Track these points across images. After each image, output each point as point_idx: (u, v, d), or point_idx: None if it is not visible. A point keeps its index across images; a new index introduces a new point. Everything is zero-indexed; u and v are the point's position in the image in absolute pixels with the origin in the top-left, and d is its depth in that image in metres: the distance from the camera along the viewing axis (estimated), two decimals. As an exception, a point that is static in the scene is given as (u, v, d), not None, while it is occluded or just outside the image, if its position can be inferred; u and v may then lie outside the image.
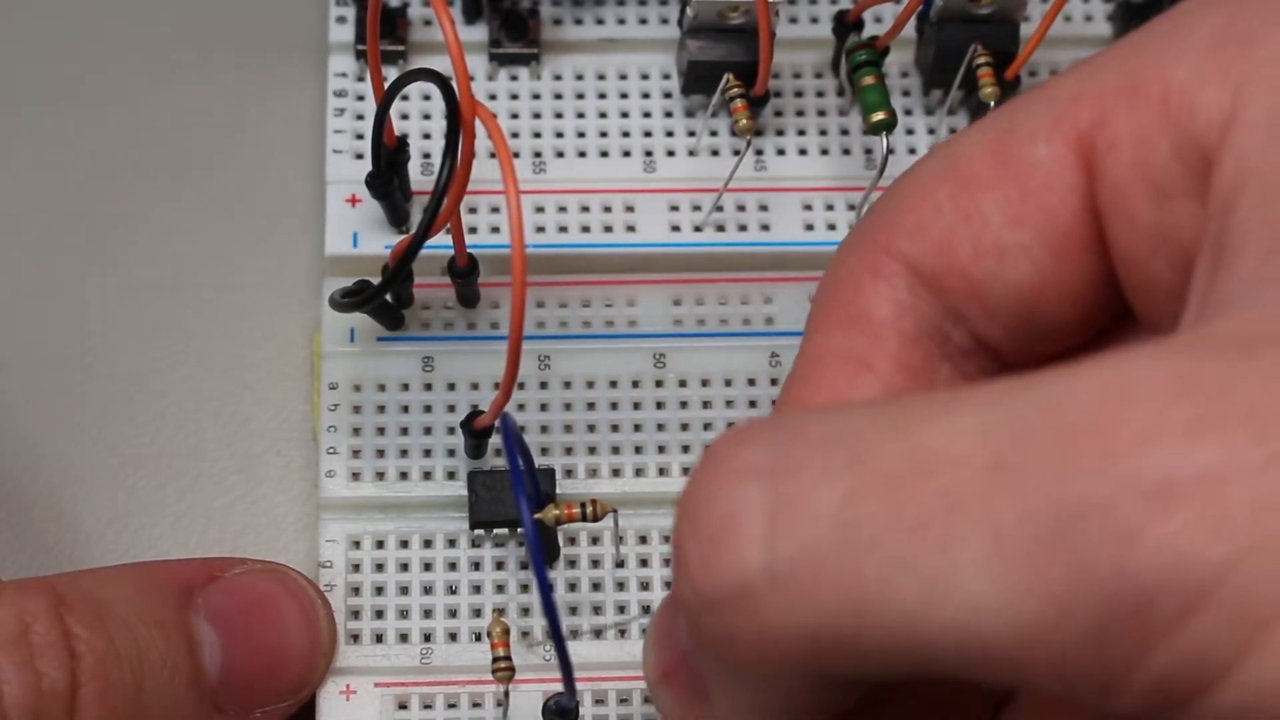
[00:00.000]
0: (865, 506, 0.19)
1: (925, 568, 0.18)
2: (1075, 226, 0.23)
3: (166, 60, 0.37)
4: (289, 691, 0.29)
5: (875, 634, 0.19)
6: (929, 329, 0.24)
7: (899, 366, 0.24)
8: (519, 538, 0.31)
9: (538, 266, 0.33)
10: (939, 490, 0.18)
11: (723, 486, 0.20)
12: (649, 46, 0.36)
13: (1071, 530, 0.17)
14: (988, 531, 0.18)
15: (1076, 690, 0.18)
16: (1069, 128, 0.22)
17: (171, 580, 0.26)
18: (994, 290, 0.23)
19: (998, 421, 0.18)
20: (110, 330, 0.34)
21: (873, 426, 0.19)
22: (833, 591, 0.19)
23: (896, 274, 0.24)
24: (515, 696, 0.30)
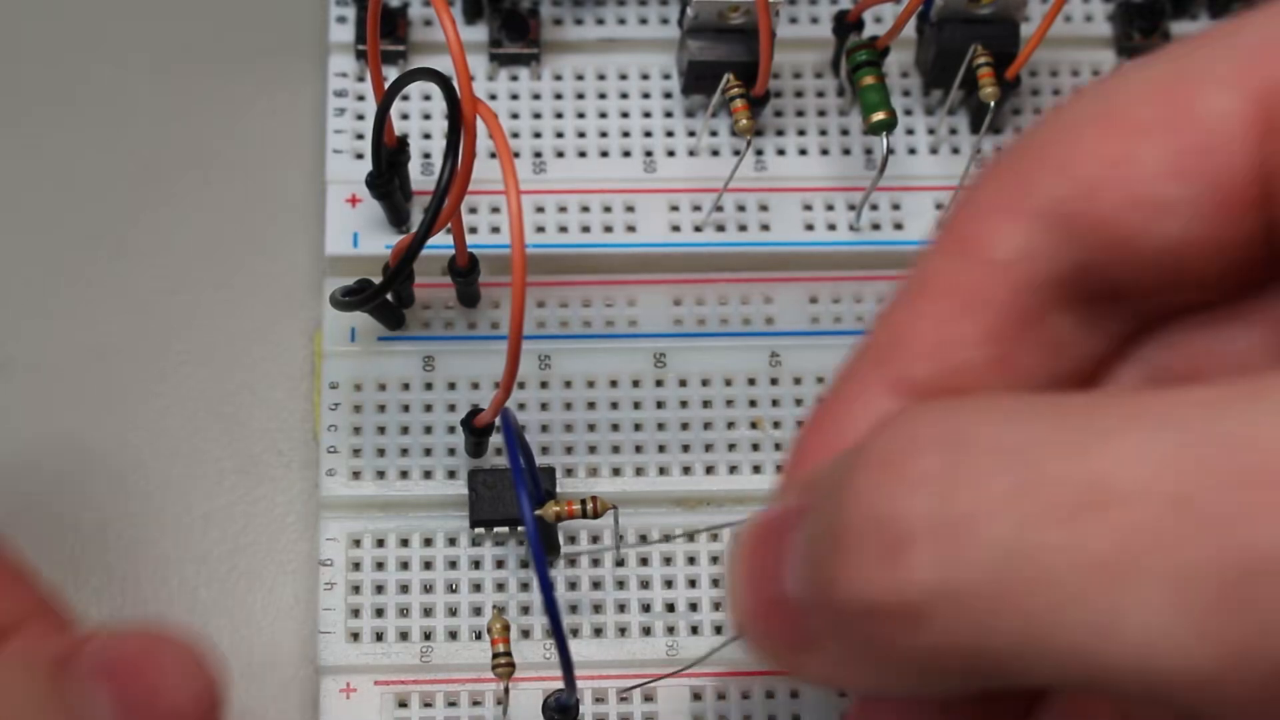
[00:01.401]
0: (1040, 537, 0.18)
1: (1101, 604, 0.18)
2: (1242, 185, 0.21)
3: (166, 61, 0.37)
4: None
5: (1042, 660, 0.19)
6: (1051, 278, 0.23)
7: (1008, 312, 0.23)
8: (519, 536, 0.31)
9: (538, 266, 0.33)
10: (1118, 526, 0.18)
11: (896, 495, 0.19)
12: (649, 46, 0.36)
13: (1259, 583, 0.17)
14: (1169, 573, 0.17)
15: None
16: (1253, 80, 0.21)
17: (39, 655, 0.25)
18: (1139, 244, 0.22)
19: (1179, 450, 0.18)
20: (111, 330, 0.34)
21: (1046, 441, 0.19)
22: (1003, 620, 0.18)
23: (1029, 213, 0.23)
24: (515, 694, 0.30)
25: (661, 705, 0.31)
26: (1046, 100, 0.36)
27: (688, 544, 0.32)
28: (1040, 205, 0.22)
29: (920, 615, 0.19)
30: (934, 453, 0.19)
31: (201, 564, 0.33)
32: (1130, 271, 0.22)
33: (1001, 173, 0.23)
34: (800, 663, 0.22)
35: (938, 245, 0.24)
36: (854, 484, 0.20)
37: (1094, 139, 0.22)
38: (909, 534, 0.19)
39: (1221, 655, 0.17)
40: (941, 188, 0.34)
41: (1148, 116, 0.22)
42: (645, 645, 0.31)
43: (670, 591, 0.31)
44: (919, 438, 0.20)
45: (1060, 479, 0.18)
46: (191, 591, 0.32)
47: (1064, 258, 0.23)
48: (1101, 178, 0.22)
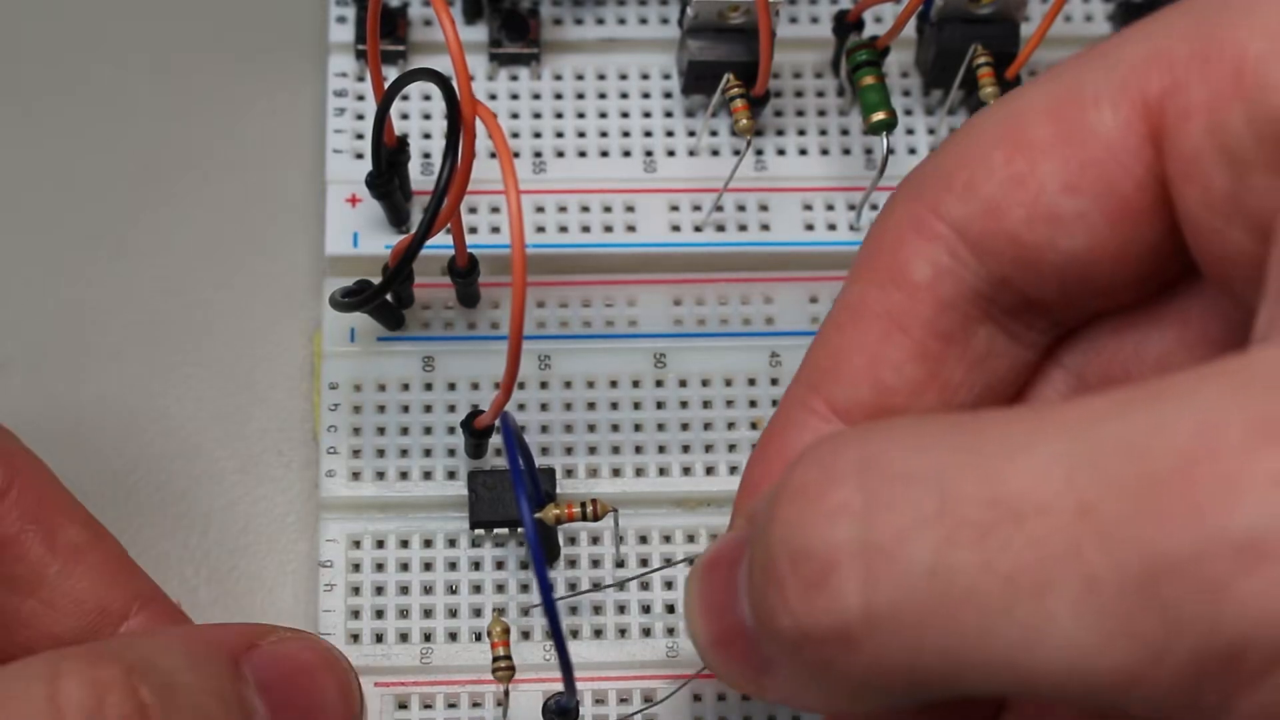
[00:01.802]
0: (957, 557, 0.19)
1: (1021, 615, 0.19)
2: (1136, 195, 0.22)
3: (166, 60, 0.37)
4: None
5: (972, 671, 0.19)
6: (968, 294, 0.24)
7: (932, 330, 0.24)
8: (519, 537, 0.31)
9: (538, 266, 0.33)
10: (1029, 539, 0.19)
11: (817, 526, 0.20)
12: (649, 46, 0.36)
13: (1162, 582, 0.18)
14: (1079, 581, 0.18)
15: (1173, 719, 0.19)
16: (1136, 94, 0.22)
17: (220, 647, 0.26)
18: (1046, 256, 0.23)
19: (1081, 461, 0.19)
20: (111, 330, 0.34)
21: (957, 463, 0.20)
22: (931, 637, 0.19)
23: (940, 235, 0.24)
24: (515, 696, 0.30)
25: (661, 705, 0.31)
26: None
27: (688, 545, 0.32)
28: (951, 226, 0.24)
29: (851, 639, 0.20)
30: (850, 482, 0.20)
31: (201, 564, 0.33)
32: (1043, 283, 0.23)
33: (912, 196, 0.24)
34: (762, 686, 0.23)
35: (859, 272, 0.25)
36: (776, 517, 0.21)
37: (996, 160, 0.23)
38: (831, 563, 0.20)
39: (1136, 655, 0.18)
40: (942, 188, 0.34)
41: (1044, 135, 0.23)
42: (645, 646, 0.31)
43: (670, 593, 0.31)
44: (835, 468, 0.21)
45: (972, 499, 0.19)
46: (191, 591, 0.32)
47: (979, 274, 0.24)
48: (1005, 196, 0.23)
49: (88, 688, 0.23)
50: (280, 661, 0.26)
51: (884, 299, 0.24)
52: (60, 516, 0.28)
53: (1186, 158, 0.22)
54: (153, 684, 0.24)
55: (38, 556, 0.27)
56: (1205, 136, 0.21)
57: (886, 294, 0.24)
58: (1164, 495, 0.18)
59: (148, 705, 0.24)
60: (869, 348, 0.24)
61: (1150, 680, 0.18)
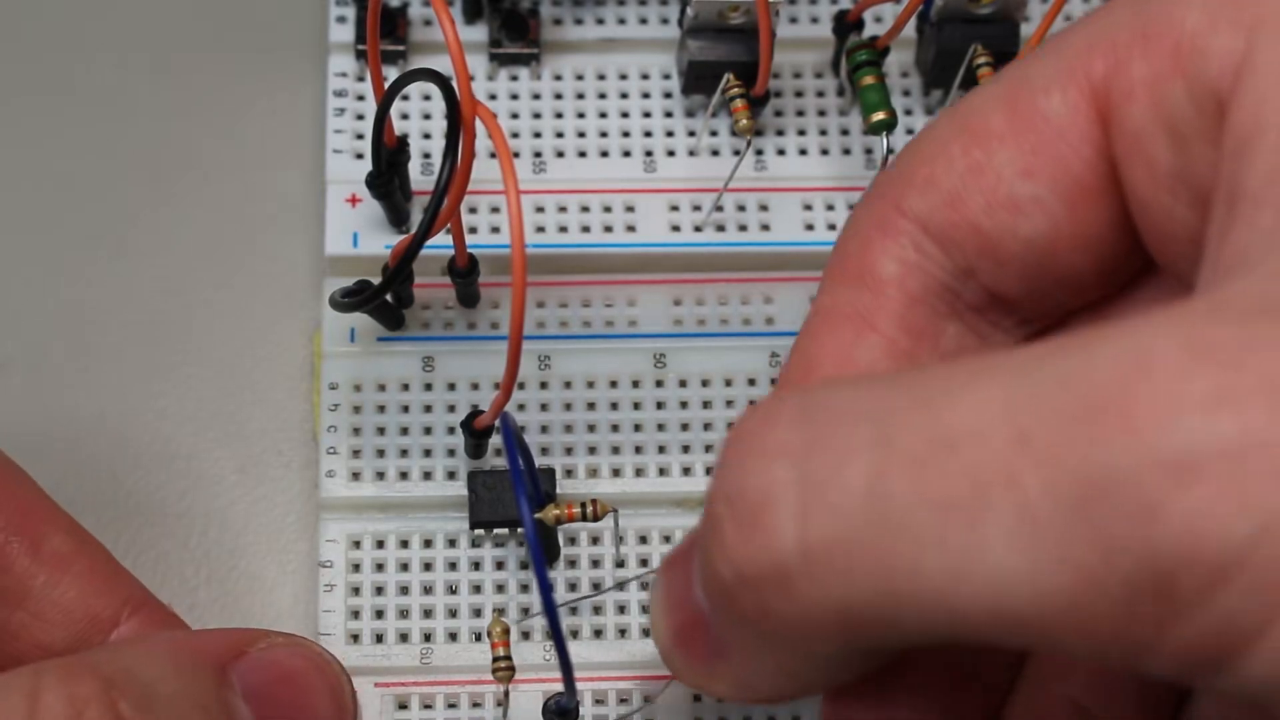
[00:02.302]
0: (893, 485, 0.19)
1: (955, 544, 0.18)
2: (1089, 176, 0.23)
3: (166, 60, 0.37)
4: None
5: (908, 608, 0.19)
6: (936, 288, 0.24)
7: (902, 326, 0.24)
8: (519, 538, 0.31)
9: (538, 266, 0.33)
10: (964, 465, 0.18)
11: (755, 466, 0.20)
12: (649, 46, 0.36)
13: (1096, 504, 0.18)
14: (1014, 506, 0.18)
15: (1107, 657, 0.19)
16: (1082, 78, 0.23)
17: (206, 656, 0.26)
18: (1006, 243, 0.23)
19: (1018, 395, 0.18)
20: (111, 330, 0.34)
21: (896, 402, 0.20)
22: (866, 570, 0.19)
23: (904, 231, 0.24)
24: (515, 696, 0.30)
25: (661, 705, 0.31)
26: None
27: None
28: (914, 221, 0.24)
29: (787, 577, 0.20)
30: (789, 423, 0.20)
31: (201, 564, 0.33)
32: (1006, 274, 0.24)
33: (875, 196, 0.25)
34: (716, 675, 0.23)
35: (829, 276, 0.25)
36: (716, 470, 0.21)
37: (954, 152, 0.24)
38: (767, 500, 0.20)
39: (1069, 583, 0.18)
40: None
41: (998, 125, 0.23)
42: (645, 646, 0.31)
43: (670, 592, 0.31)
44: (774, 413, 0.21)
45: (910, 431, 0.19)
46: (191, 592, 0.32)
47: (944, 267, 0.24)
48: (964, 186, 0.23)
49: (66, 702, 0.23)
50: (269, 668, 0.26)
51: (854, 299, 0.25)
52: (45, 526, 0.28)
53: (1131, 135, 0.22)
54: (132, 696, 0.24)
55: (23, 568, 0.27)
56: (1148, 112, 0.22)
57: (856, 294, 0.25)
58: (1098, 419, 0.18)
59: (126, 718, 0.23)
60: (841, 349, 0.25)
61: (1083, 611, 0.18)
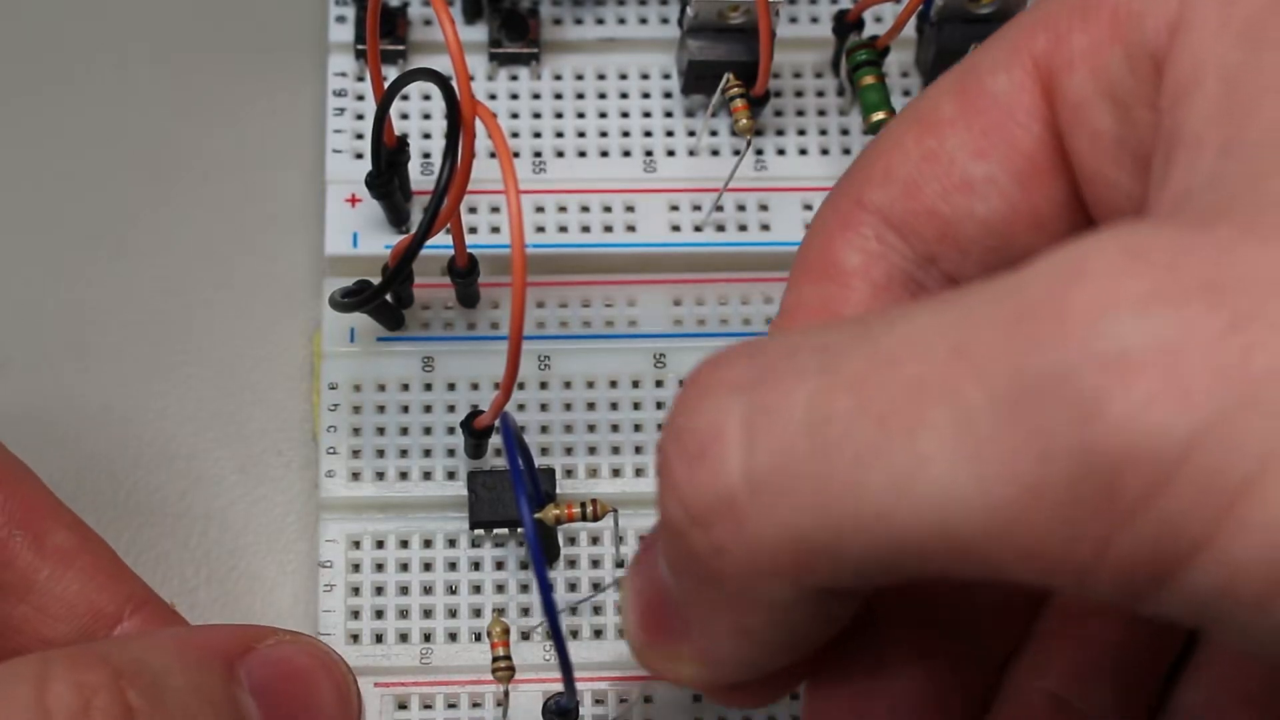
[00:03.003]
0: (834, 404, 0.19)
1: (895, 458, 0.18)
2: (1039, 152, 0.23)
3: (166, 60, 0.37)
4: None
5: (852, 532, 0.19)
6: (899, 276, 0.24)
7: None
8: (519, 538, 0.31)
9: (538, 266, 0.33)
10: (903, 380, 0.18)
11: (704, 403, 0.20)
12: (649, 46, 0.35)
13: (1034, 406, 0.17)
14: (952, 414, 0.18)
15: (1052, 577, 0.18)
16: (1025, 57, 0.23)
17: (214, 651, 0.26)
18: (964, 226, 0.24)
19: (957, 314, 0.18)
20: (110, 330, 0.34)
21: (840, 334, 0.20)
22: (808, 492, 0.19)
23: (866, 223, 0.24)
24: (515, 696, 0.30)
25: (661, 706, 0.31)
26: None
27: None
28: (874, 213, 0.24)
29: (735, 507, 0.19)
30: (740, 364, 0.20)
31: (201, 564, 0.33)
32: (965, 257, 0.24)
33: (836, 194, 0.25)
34: (683, 655, 0.23)
35: (795, 276, 0.25)
36: (670, 415, 0.21)
37: (908, 142, 0.24)
38: (715, 433, 0.20)
39: (1011, 493, 0.17)
40: (942, 188, 0.34)
41: (949, 111, 0.24)
42: (645, 646, 0.31)
43: (670, 592, 0.31)
44: (726, 356, 0.21)
45: (851, 356, 0.19)
46: (191, 592, 0.32)
47: (906, 256, 0.24)
48: (918, 174, 0.24)
49: (75, 689, 0.23)
50: (276, 665, 0.26)
51: (818, 293, 0.25)
52: (48, 521, 0.28)
53: (1073, 107, 0.22)
54: (141, 686, 0.24)
55: (26, 562, 0.27)
56: (1088, 82, 0.22)
57: (821, 288, 0.25)
58: (1033, 323, 0.18)
59: (135, 708, 0.23)
60: None
61: (1026, 526, 0.18)
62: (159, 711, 0.24)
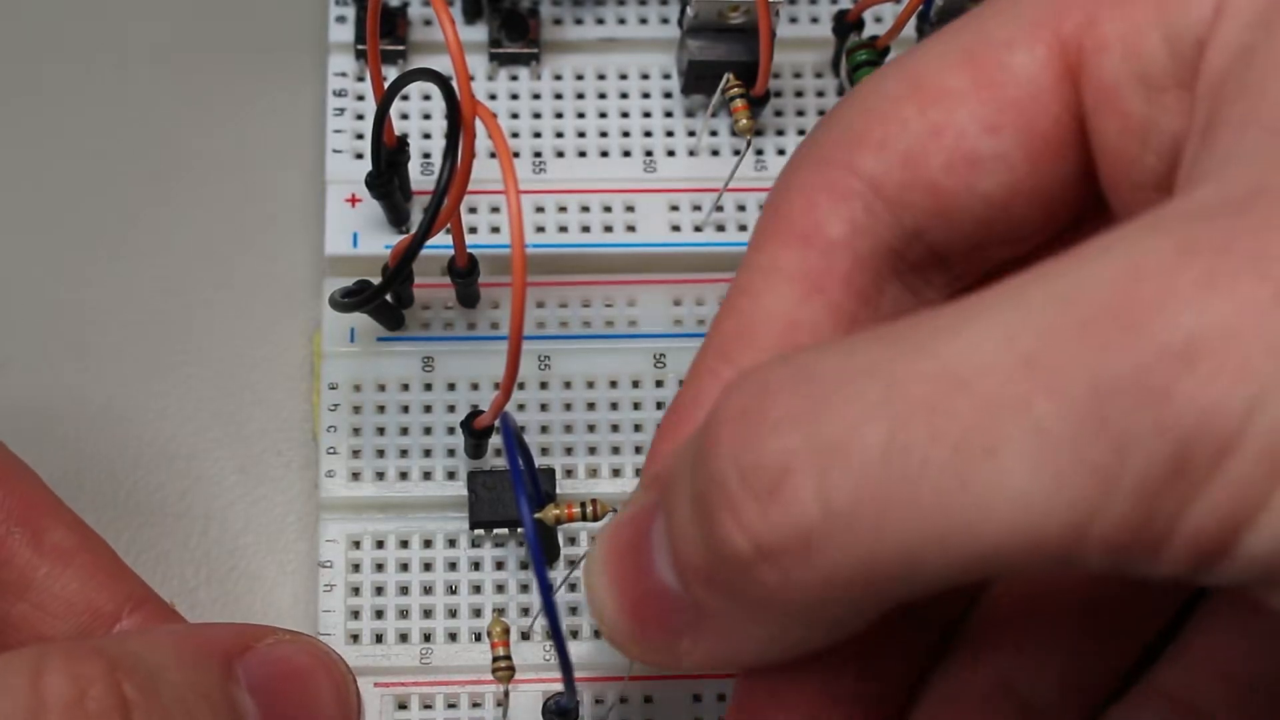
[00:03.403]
0: (910, 436, 0.19)
1: (976, 478, 0.18)
2: (1054, 130, 0.23)
3: (166, 60, 0.37)
4: None
5: (935, 552, 0.19)
6: (883, 249, 0.24)
7: (849, 288, 0.24)
8: (519, 538, 0.31)
9: (538, 266, 0.33)
10: (975, 401, 0.18)
11: (765, 440, 0.20)
12: (649, 46, 0.35)
13: (1109, 404, 0.18)
14: (1029, 428, 0.18)
15: (1128, 559, 0.19)
16: (1050, 35, 0.23)
17: (212, 648, 0.26)
18: (963, 201, 0.24)
19: (1017, 323, 0.19)
20: (110, 330, 0.34)
21: (894, 353, 0.19)
22: (891, 525, 0.19)
23: (855, 193, 0.24)
24: (515, 696, 0.30)
25: (661, 706, 0.31)
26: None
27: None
28: (866, 182, 0.24)
29: (811, 543, 0.20)
30: (789, 392, 0.20)
31: (201, 564, 0.33)
32: (953, 232, 0.24)
33: (820, 156, 0.24)
34: (679, 650, 0.23)
35: (766, 238, 0.25)
36: (718, 444, 0.21)
37: (909, 113, 0.24)
38: (784, 470, 0.20)
39: (1090, 487, 0.18)
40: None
41: (958, 82, 0.23)
42: (645, 646, 0.31)
43: (670, 592, 0.31)
44: (769, 384, 0.20)
45: (916, 377, 0.19)
46: (191, 592, 0.32)
47: (892, 229, 0.24)
48: (921, 146, 0.23)
49: (70, 681, 0.23)
50: (275, 664, 0.26)
51: (799, 260, 0.24)
52: (47, 519, 0.28)
53: (1104, 88, 0.22)
54: (137, 680, 0.24)
55: (25, 559, 0.27)
56: (1122, 64, 0.22)
57: (801, 255, 0.24)
58: (1100, 326, 0.18)
59: (130, 701, 0.23)
60: (785, 310, 0.24)
61: (1105, 515, 0.18)
62: (154, 706, 0.24)
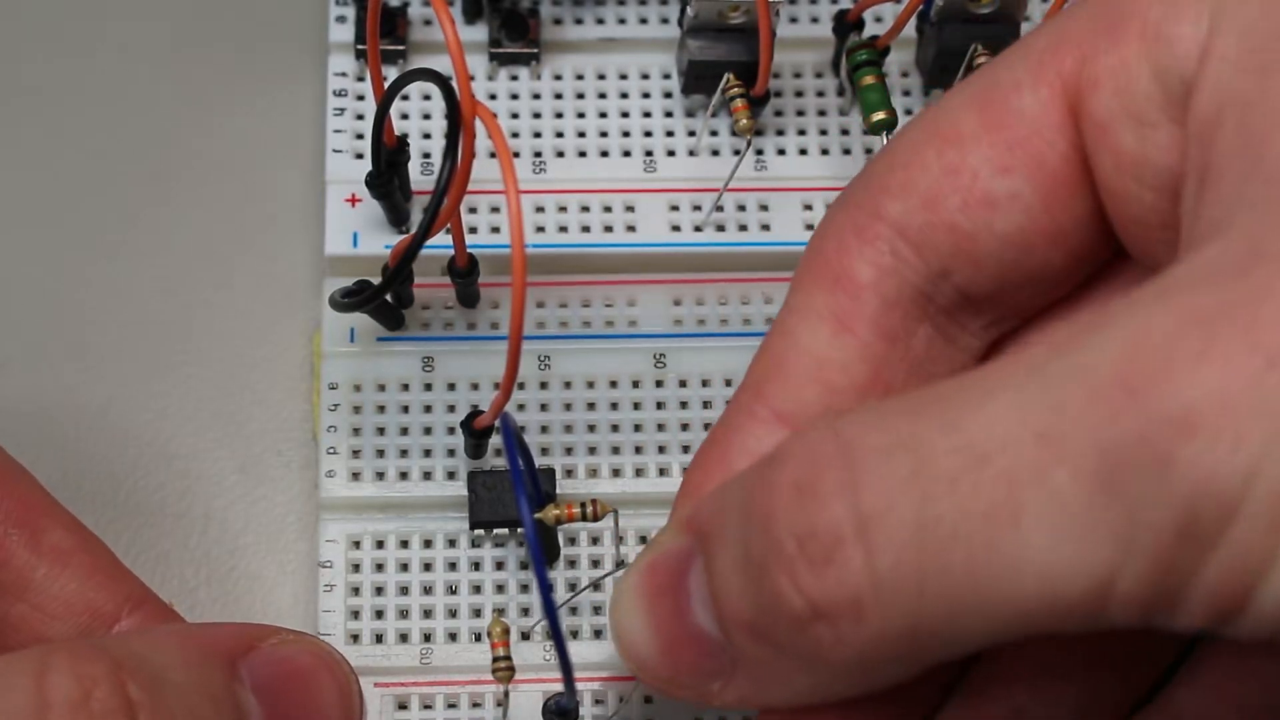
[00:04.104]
0: (939, 508, 0.20)
1: (1003, 547, 0.20)
2: (1063, 169, 0.24)
3: (167, 60, 0.37)
4: None
5: (970, 617, 0.20)
6: (910, 292, 0.25)
7: (877, 329, 0.25)
8: (519, 538, 0.31)
9: (538, 266, 0.33)
10: (997, 475, 0.20)
11: (818, 511, 0.21)
12: (649, 46, 0.35)
13: (1118, 472, 0.19)
14: (1048, 498, 0.19)
15: (1150, 617, 0.20)
16: (1052, 75, 0.24)
17: (216, 648, 0.26)
18: (983, 242, 0.24)
19: (1032, 399, 0.20)
20: (110, 330, 0.34)
21: (923, 427, 0.21)
22: (931, 590, 0.20)
23: (881, 236, 0.25)
24: (515, 696, 0.30)
25: (661, 706, 0.31)
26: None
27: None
28: (891, 225, 0.25)
29: (862, 605, 0.21)
30: (835, 466, 0.21)
31: (201, 564, 0.33)
32: (980, 273, 0.25)
33: (850, 204, 0.25)
34: (713, 691, 0.24)
35: (802, 280, 0.26)
36: (774, 512, 0.22)
37: (928, 156, 0.24)
38: (836, 540, 0.21)
39: (1108, 551, 0.19)
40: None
41: (971, 126, 0.24)
42: (645, 646, 0.31)
43: (670, 592, 0.31)
44: (818, 458, 0.22)
45: (942, 454, 0.20)
46: (191, 592, 0.32)
47: (919, 270, 0.25)
48: (939, 188, 0.24)
49: (75, 681, 0.23)
50: (279, 664, 0.26)
51: (830, 302, 0.25)
52: (45, 520, 0.28)
53: (1099, 124, 0.23)
54: (141, 680, 0.24)
55: (23, 560, 0.27)
56: (1114, 100, 0.23)
57: (832, 297, 0.25)
58: (1107, 398, 0.19)
59: (135, 701, 0.24)
60: (816, 350, 0.25)
61: (1123, 577, 0.19)
62: (159, 706, 0.24)
